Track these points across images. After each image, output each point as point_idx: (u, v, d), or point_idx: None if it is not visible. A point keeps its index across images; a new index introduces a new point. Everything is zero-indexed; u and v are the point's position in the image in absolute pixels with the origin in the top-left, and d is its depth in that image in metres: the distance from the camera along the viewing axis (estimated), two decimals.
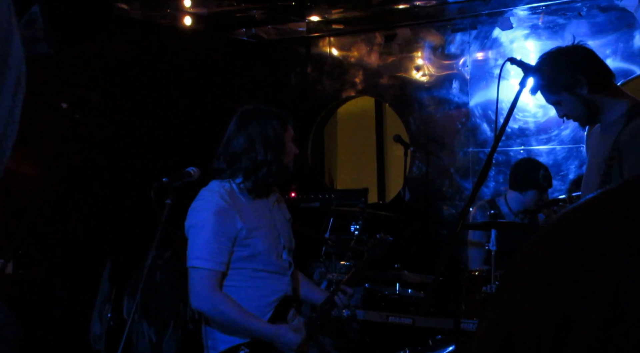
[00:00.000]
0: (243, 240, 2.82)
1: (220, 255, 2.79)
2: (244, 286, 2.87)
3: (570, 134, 5.06)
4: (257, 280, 2.88)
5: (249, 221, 2.85)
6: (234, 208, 2.82)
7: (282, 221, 3.05)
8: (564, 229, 0.68)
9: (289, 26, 6.03)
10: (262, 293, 2.89)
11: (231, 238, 2.80)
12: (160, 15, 5.22)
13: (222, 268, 2.80)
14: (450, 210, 5.53)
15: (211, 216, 2.78)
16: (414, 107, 5.70)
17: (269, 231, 2.93)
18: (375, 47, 5.86)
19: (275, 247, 2.94)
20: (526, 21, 5.18)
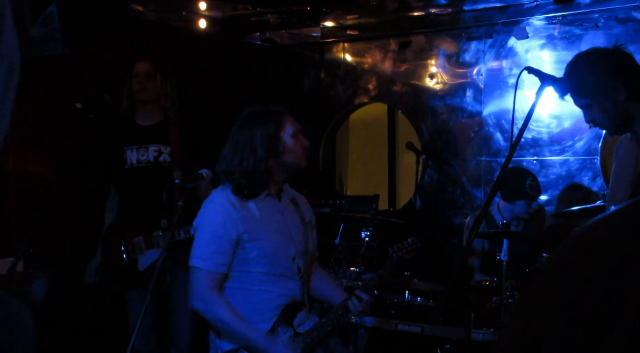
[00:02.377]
0: (247, 242, 2.83)
1: (220, 256, 2.81)
2: (251, 289, 2.88)
3: (584, 146, 5.03)
4: (264, 284, 2.88)
5: (254, 223, 2.85)
6: (239, 210, 2.84)
7: (296, 223, 3.02)
8: (595, 238, 0.67)
9: (303, 31, 6.03)
10: (268, 296, 2.89)
11: (232, 241, 2.82)
12: (175, 18, 5.23)
13: (221, 269, 2.82)
14: (461, 219, 5.50)
15: (214, 218, 2.83)
16: (427, 115, 5.68)
17: (278, 234, 2.91)
18: (390, 53, 5.85)
19: (285, 250, 2.92)
20: (542, 31, 5.16)
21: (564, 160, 5.10)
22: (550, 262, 0.71)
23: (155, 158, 4.00)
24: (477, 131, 5.46)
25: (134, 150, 4.00)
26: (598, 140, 4.97)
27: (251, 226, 2.85)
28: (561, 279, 0.66)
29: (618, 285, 0.60)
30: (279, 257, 2.90)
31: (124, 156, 4.00)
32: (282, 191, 3.04)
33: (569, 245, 0.70)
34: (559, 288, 0.65)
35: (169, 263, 3.42)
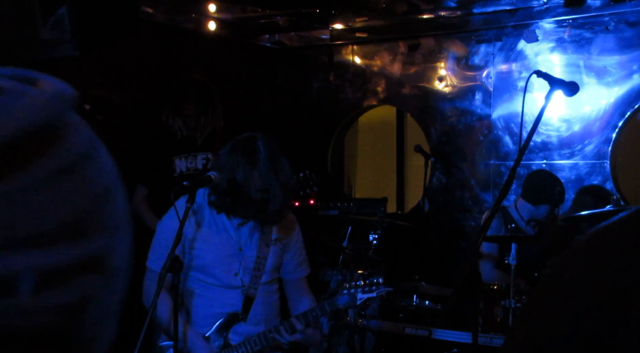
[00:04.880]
0: (190, 249, 2.98)
1: (163, 259, 2.86)
2: (196, 294, 3.04)
3: (594, 150, 5.01)
4: (206, 291, 3.02)
5: (197, 233, 2.99)
6: (191, 218, 2.94)
7: (252, 240, 3.05)
8: (600, 246, 0.66)
9: (312, 33, 6.03)
10: (206, 303, 3.02)
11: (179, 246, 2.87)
12: (185, 20, 5.25)
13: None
14: (470, 222, 5.49)
15: (166, 222, 3.01)
16: (436, 118, 5.67)
17: (220, 248, 3.00)
18: (399, 56, 5.84)
19: (226, 264, 3.01)
20: (552, 34, 5.14)
21: (574, 164, 5.08)
22: (554, 269, 0.70)
23: (204, 165, 4.09)
24: (486, 134, 5.44)
25: (183, 158, 4.09)
26: (608, 144, 4.95)
27: (197, 234, 2.98)
28: (564, 287, 0.65)
29: (623, 294, 0.59)
30: (218, 269, 3.00)
31: (173, 164, 4.08)
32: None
33: (573, 252, 0.69)
34: (562, 297, 0.65)
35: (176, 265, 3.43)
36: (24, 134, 0.51)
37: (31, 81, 0.55)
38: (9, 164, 0.50)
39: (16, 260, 0.50)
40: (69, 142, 0.54)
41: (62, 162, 0.53)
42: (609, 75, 4.94)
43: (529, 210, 4.38)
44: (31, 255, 0.51)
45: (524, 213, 4.40)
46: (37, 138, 0.52)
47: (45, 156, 0.52)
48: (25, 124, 0.51)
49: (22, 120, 0.51)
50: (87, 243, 0.54)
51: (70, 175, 0.53)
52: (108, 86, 4.36)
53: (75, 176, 0.54)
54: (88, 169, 0.55)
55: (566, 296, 0.64)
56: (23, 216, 0.50)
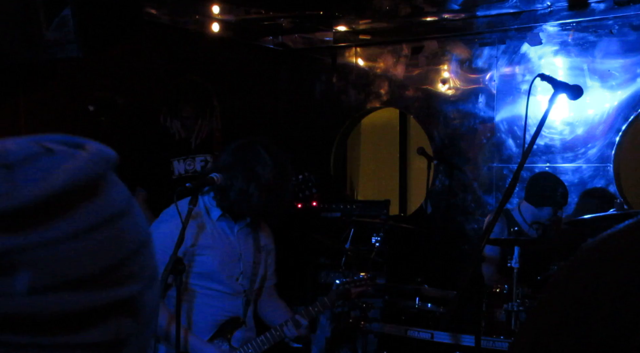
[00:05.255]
0: (193, 255, 2.95)
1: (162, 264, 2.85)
2: (193, 301, 3.01)
3: (597, 153, 5.00)
4: (206, 298, 3.01)
5: (202, 239, 2.97)
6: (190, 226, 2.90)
7: (248, 245, 3.10)
8: (605, 253, 0.65)
9: (315, 35, 6.04)
10: (209, 311, 3.02)
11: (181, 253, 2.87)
12: (189, 21, 5.25)
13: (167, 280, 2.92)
14: (472, 225, 5.48)
15: (165, 228, 2.92)
16: (439, 120, 5.66)
17: (225, 253, 3.01)
18: (402, 58, 5.84)
19: (229, 270, 3.02)
20: (556, 37, 5.13)
21: (577, 167, 5.07)
22: (559, 278, 0.69)
23: (202, 167, 4.07)
24: (489, 137, 5.44)
25: (181, 161, 4.07)
26: (611, 147, 4.94)
27: (199, 241, 2.97)
28: (570, 295, 0.65)
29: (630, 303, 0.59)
30: (222, 275, 3.00)
31: (171, 166, 4.07)
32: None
33: (578, 260, 0.68)
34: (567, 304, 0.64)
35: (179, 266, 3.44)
36: (70, 189, 0.58)
37: (78, 146, 0.63)
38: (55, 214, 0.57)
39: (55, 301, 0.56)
40: (109, 198, 0.61)
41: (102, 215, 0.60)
42: (613, 78, 4.93)
43: (532, 213, 4.37)
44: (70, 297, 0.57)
45: (527, 215, 4.40)
46: (81, 192, 0.59)
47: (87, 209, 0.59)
48: (70, 180, 0.58)
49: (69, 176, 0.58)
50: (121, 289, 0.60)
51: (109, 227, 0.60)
52: (112, 87, 4.37)
53: (114, 228, 0.61)
54: (125, 223, 0.62)
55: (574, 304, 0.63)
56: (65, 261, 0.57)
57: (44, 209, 0.56)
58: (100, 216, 0.60)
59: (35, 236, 0.55)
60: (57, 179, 0.57)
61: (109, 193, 0.62)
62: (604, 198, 4.70)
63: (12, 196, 0.55)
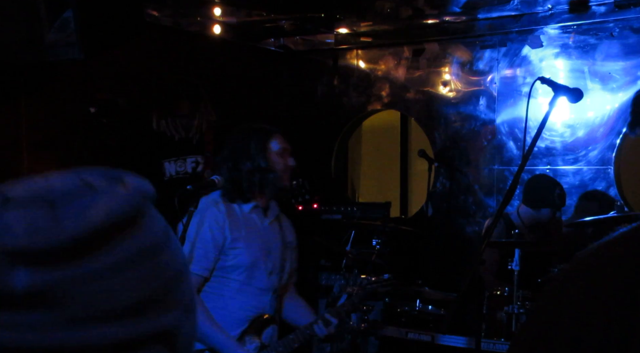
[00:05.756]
0: (229, 249, 2.93)
1: (205, 260, 2.91)
2: (224, 296, 2.98)
3: (598, 155, 5.00)
4: (237, 293, 2.98)
5: (237, 231, 2.95)
6: (226, 217, 2.94)
7: (276, 241, 3.09)
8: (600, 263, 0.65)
9: (317, 37, 6.04)
10: (239, 306, 2.98)
11: (218, 245, 2.92)
12: (190, 23, 5.26)
13: (204, 273, 2.93)
14: (473, 227, 5.48)
15: (202, 223, 2.92)
16: (440, 123, 5.67)
17: (257, 247, 3.00)
18: (403, 61, 5.84)
19: (262, 264, 3.00)
20: (556, 40, 5.14)
21: (577, 170, 5.07)
22: (554, 286, 0.70)
23: (193, 169, 4.04)
24: (490, 139, 5.44)
25: (172, 162, 4.04)
26: (612, 150, 4.94)
27: (236, 233, 2.95)
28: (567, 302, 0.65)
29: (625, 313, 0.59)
30: (255, 269, 2.99)
31: (162, 168, 4.04)
32: (269, 208, 3.11)
33: (573, 269, 0.69)
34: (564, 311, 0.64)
35: None
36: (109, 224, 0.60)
37: (118, 180, 0.66)
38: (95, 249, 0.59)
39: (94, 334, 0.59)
40: (147, 232, 0.64)
41: (140, 247, 0.62)
42: (614, 81, 4.93)
43: (530, 215, 4.37)
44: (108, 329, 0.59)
45: (525, 218, 4.40)
46: (120, 227, 0.61)
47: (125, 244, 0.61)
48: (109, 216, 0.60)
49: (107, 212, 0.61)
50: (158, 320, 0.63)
51: (147, 259, 0.63)
52: (113, 89, 4.37)
53: (152, 260, 0.63)
54: (163, 255, 0.65)
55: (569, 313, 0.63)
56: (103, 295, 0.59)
57: (84, 245, 0.59)
58: (139, 250, 0.62)
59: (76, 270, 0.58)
60: (96, 216, 0.60)
61: (147, 227, 0.64)
62: (604, 200, 4.71)
63: (54, 232, 0.58)
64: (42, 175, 0.64)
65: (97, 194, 0.62)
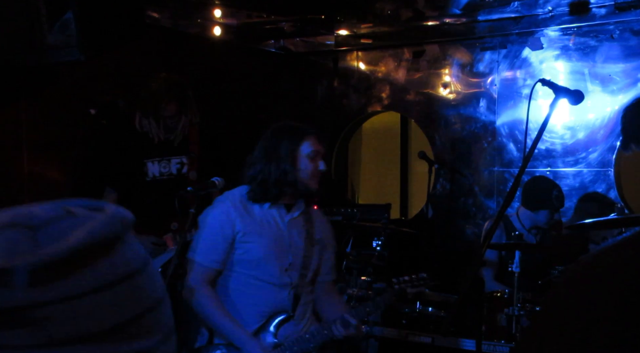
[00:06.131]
0: (240, 242, 2.93)
1: (214, 253, 2.93)
2: (239, 290, 2.97)
3: (597, 158, 5.00)
4: (252, 287, 2.96)
5: (250, 226, 2.94)
6: (239, 212, 2.95)
7: (300, 237, 3.06)
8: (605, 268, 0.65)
9: (317, 39, 6.04)
10: (254, 301, 2.96)
11: (227, 239, 2.93)
12: (190, 25, 5.26)
13: (215, 266, 2.95)
14: (473, 229, 5.48)
15: (214, 216, 2.96)
16: (440, 125, 5.67)
17: (271, 243, 2.97)
18: (403, 62, 5.85)
19: (277, 259, 2.97)
20: (557, 42, 5.14)
21: (578, 172, 5.07)
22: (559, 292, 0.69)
23: (178, 170, 3.99)
24: (490, 141, 5.44)
25: (156, 162, 3.97)
26: (612, 152, 4.94)
27: (247, 227, 2.94)
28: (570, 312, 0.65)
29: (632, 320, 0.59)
30: (268, 264, 2.96)
31: (145, 168, 3.96)
32: (295, 204, 3.08)
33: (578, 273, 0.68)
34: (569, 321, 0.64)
35: (180, 271, 3.45)
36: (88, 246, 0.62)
37: (98, 209, 0.67)
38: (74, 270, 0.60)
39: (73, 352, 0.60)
40: (126, 256, 0.65)
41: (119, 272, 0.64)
42: (614, 83, 4.94)
43: (529, 217, 4.38)
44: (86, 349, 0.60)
45: (525, 220, 4.40)
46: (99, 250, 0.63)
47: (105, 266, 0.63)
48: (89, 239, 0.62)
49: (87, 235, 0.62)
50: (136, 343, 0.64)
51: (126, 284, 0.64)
52: (113, 91, 4.37)
53: (130, 285, 0.64)
54: (141, 280, 0.66)
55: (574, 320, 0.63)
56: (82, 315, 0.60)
57: (63, 266, 0.60)
58: (117, 273, 0.63)
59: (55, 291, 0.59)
60: (76, 238, 0.61)
61: (125, 253, 0.65)
62: (604, 202, 4.70)
63: (34, 254, 0.59)
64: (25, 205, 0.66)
65: (77, 220, 0.64)
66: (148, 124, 3.93)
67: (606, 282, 0.63)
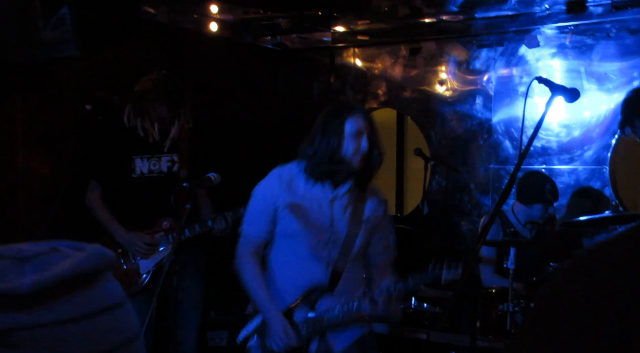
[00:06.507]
0: (281, 215, 3.01)
1: (257, 225, 3.05)
2: (282, 263, 3.06)
3: (593, 155, 5.01)
4: (292, 261, 3.04)
5: (292, 200, 3.00)
6: (284, 185, 3.02)
7: (344, 215, 3.05)
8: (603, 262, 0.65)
9: (314, 36, 6.03)
10: (294, 275, 3.03)
11: (269, 212, 3.02)
12: (187, 21, 5.25)
13: (257, 237, 3.06)
14: (469, 226, 5.49)
15: (260, 189, 3.08)
16: (436, 122, 5.67)
17: (310, 217, 3.00)
18: (400, 59, 5.84)
19: (317, 235, 3.00)
20: (553, 40, 5.14)
21: (573, 169, 5.08)
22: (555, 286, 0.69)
23: (169, 168, 3.95)
24: (486, 138, 5.45)
25: (145, 159, 3.93)
26: (607, 150, 4.95)
27: (289, 201, 3.00)
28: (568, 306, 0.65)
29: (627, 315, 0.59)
30: (307, 238, 3.00)
31: (133, 164, 3.91)
32: (343, 182, 3.06)
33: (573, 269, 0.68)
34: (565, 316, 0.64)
35: (176, 267, 3.44)
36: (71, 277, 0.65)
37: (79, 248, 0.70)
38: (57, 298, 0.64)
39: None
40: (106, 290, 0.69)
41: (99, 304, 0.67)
42: (610, 81, 4.94)
43: (524, 212, 4.41)
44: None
45: (520, 215, 4.43)
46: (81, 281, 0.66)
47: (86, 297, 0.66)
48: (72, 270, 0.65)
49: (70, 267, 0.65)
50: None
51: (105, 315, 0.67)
52: (109, 87, 4.36)
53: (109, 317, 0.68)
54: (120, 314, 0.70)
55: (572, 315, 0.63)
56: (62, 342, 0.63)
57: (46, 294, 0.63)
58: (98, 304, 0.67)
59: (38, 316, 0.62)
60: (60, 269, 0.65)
61: (106, 286, 0.69)
62: (597, 197, 4.73)
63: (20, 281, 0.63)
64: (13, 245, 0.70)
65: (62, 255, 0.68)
66: (136, 121, 3.88)
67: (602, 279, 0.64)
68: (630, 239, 0.66)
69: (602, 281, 0.63)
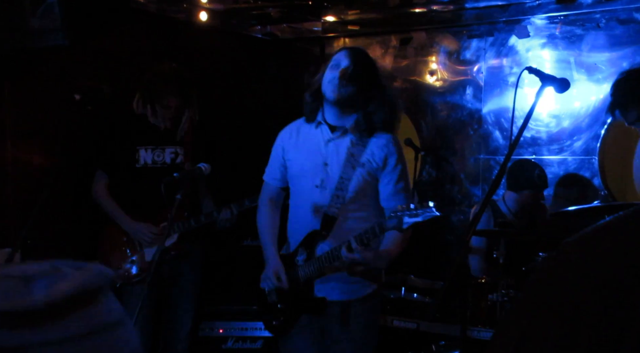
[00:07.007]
0: (285, 160, 3.18)
1: (272, 171, 3.26)
2: (292, 206, 3.21)
3: (582, 146, 5.03)
4: (294, 205, 3.17)
5: (292, 144, 3.15)
6: (291, 133, 3.18)
7: (338, 157, 3.02)
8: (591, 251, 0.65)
9: (304, 25, 6.01)
10: (296, 218, 3.15)
11: (279, 158, 3.19)
12: (176, 10, 5.21)
13: (273, 183, 3.26)
14: (459, 216, 5.51)
15: (276, 140, 3.26)
16: (427, 112, 5.68)
17: (306, 160, 3.08)
18: (390, 50, 5.84)
19: (310, 177, 3.05)
20: (543, 30, 5.15)
21: (562, 159, 5.10)
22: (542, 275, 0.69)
23: (172, 159, 3.96)
24: (476, 128, 5.46)
25: (149, 150, 3.95)
26: (596, 140, 4.98)
27: (290, 145, 3.14)
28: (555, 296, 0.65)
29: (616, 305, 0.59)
30: (301, 181, 3.09)
31: (137, 154, 3.94)
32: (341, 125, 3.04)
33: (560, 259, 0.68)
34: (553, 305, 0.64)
35: (166, 256, 3.43)
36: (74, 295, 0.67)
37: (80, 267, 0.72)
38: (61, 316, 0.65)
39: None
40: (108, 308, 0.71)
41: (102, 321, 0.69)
42: (599, 72, 4.96)
43: (514, 200, 4.44)
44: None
45: (510, 204, 4.46)
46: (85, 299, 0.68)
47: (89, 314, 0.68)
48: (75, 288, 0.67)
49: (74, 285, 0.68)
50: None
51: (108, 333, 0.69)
52: (98, 76, 4.33)
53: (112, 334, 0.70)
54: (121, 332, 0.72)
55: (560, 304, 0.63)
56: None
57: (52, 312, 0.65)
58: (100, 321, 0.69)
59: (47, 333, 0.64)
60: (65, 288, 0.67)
61: (107, 305, 0.72)
62: (582, 184, 4.76)
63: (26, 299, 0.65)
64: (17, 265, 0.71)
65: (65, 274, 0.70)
66: (145, 109, 3.91)
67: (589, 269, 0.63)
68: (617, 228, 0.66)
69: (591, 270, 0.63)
